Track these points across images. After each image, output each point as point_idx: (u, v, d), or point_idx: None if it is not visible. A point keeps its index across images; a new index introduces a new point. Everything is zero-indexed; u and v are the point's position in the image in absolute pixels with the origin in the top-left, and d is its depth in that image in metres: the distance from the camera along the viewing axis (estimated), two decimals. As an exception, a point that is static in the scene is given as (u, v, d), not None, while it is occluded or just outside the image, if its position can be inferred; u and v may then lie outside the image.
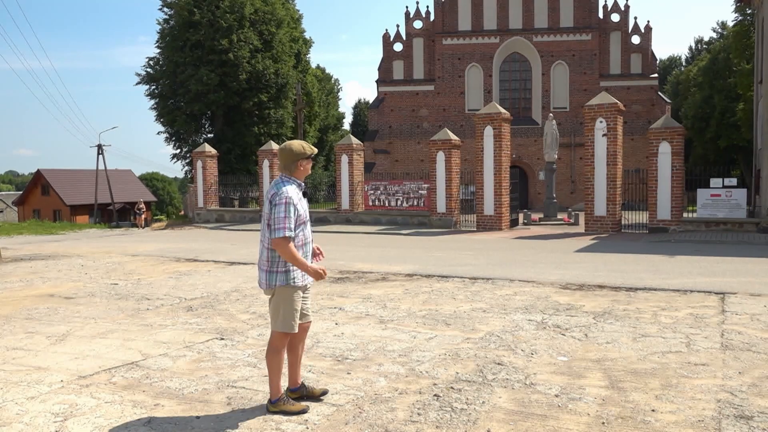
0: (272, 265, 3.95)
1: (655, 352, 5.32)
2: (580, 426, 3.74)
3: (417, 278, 9.68)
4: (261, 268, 4.04)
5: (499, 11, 35.88)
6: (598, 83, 34.61)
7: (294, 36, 37.43)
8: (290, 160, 3.98)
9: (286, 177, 4.01)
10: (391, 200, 21.76)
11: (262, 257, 4.03)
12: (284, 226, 3.81)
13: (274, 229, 3.83)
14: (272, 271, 3.95)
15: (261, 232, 4.07)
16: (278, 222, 3.81)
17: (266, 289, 4.01)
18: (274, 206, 3.85)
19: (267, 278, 3.97)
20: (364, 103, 67.51)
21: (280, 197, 3.85)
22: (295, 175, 4.01)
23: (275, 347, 4.02)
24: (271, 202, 3.88)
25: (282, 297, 3.95)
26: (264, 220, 4.00)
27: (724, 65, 37.91)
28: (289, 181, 3.98)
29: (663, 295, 7.92)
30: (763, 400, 4.12)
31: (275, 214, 3.83)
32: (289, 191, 3.89)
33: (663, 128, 17.17)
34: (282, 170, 4.04)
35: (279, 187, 3.92)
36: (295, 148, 3.99)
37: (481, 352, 5.39)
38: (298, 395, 4.17)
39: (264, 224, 4.00)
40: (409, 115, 37.18)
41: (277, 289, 3.95)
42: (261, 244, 4.06)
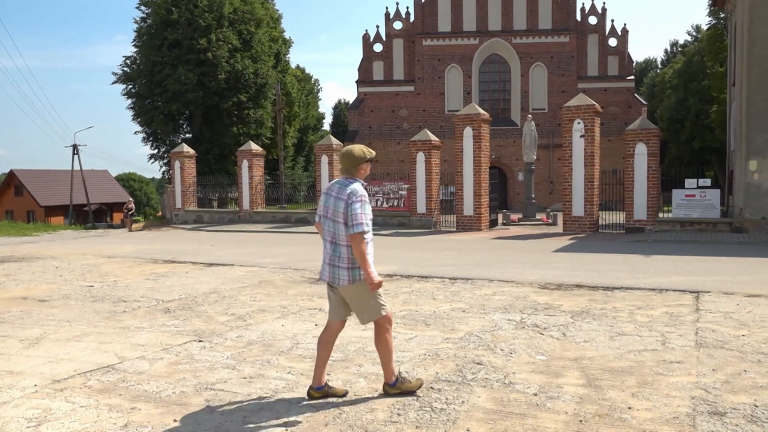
0: (353, 261, 4.10)
1: (631, 350, 5.39)
2: (558, 424, 3.77)
3: (397, 279, 9.68)
4: (339, 266, 4.13)
5: (478, 13, 36.09)
6: (575, 85, 34.99)
7: (273, 36, 37.27)
8: (352, 164, 4.19)
9: (351, 178, 4.20)
10: (371, 201, 21.71)
11: (339, 255, 4.13)
12: (362, 222, 4.02)
13: (351, 224, 4.02)
14: (355, 267, 4.10)
15: (327, 232, 4.21)
16: (356, 218, 4.02)
17: (347, 285, 4.12)
18: (350, 204, 4.04)
19: (350, 275, 4.11)
20: (344, 103, 67.45)
21: (356, 196, 4.07)
22: (358, 176, 4.23)
23: (383, 333, 4.21)
24: (347, 201, 4.06)
25: (365, 288, 4.10)
26: (329, 218, 4.17)
27: (698, 68, 38.60)
28: (355, 181, 4.19)
29: (639, 294, 8.03)
30: (736, 396, 4.20)
31: (352, 211, 4.03)
32: (361, 190, 4.13)
33: (639, 130, 17.43)
34: (344, 173, 4.23)
35: (350, 186, 4.12)
36: (356, 152, 4.20)
37: (460, 351, 5.41)
38: (322, 394, 4.25)
39: (332, 222, 4.15)
40: (389, 116, 37.22)
41: (360, 282, 4.10)
42: (330, 243, 4.20)
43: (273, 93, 34.28)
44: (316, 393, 4.25)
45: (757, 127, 16.29)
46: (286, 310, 7.34)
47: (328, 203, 4.19)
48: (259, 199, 24.38)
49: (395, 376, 4.25)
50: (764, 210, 16.23)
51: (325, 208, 4.23)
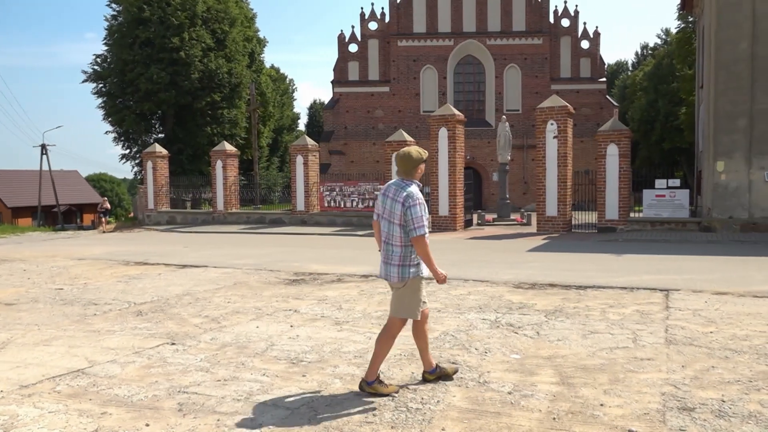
0: (405, 260, 4.28)
1: (603, 348, 5.47)
2: (531, 422, 3.81)
3: (373, 279, 9.68)
4: (391, 263, 4.32)
5: (453, 14, 36.28)
6: (549, 86, 35.39)
7: (248, 35, 36.95)
8: (411, 165, 4.34)
9: (407, 180, 4.35)
10: (346, 201, 21.73)
11: (392, 253, 4.31)
12: (423, 224, 4.20)
13: (413, 228, 4.18)
14: (405, 265, 4.28)
15: (384, 231, 4.37)
16: (417, 221, 4.18)
17: (398, 281, 4.30)
18: (410, 207, 4.19)
19: (400, 272, 4.28)
20: (319, 103, 67.18)
21: (414, 199, 4.21)
22: (414, 177, 4.37)
23: (393, 333, 4.39)
24: (403, 204, 4.21)
25: (412, 287, 4.31)
26: (385, 219, 4.34)
27: (667, 70, 39.33)
28: (412, 183, 4.33)
29: (611, 292, 8.15)
30: (704, 392, 4.29)
31: (412, 215, 4.18)
32: (418, 193, 4.28)
33: (611, 131, 17.71)
34: (402, 174, 4.38)
35: (407, 189, 4.27)
36: (414, 154, 4.35)
37: (436, 351, 5.42)
38: (437, 376, 4.51)
39: (388, 223, 4.32)
40: (364, 116, 37.20)
41: (410, 281, 4.29)
42: (384, 243, 4.37)
43: (247, 93, 34.00)
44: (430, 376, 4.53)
45: (723, 129, 16.68)
46: (261, 312, 7.29)
47: (385, 204, 4.36)
48: (234, 200, 24.16)
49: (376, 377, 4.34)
50: (731, 209, 16.62)
51: (382, 209, 4.39)
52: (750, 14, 16.28)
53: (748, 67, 16.34)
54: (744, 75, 16.37)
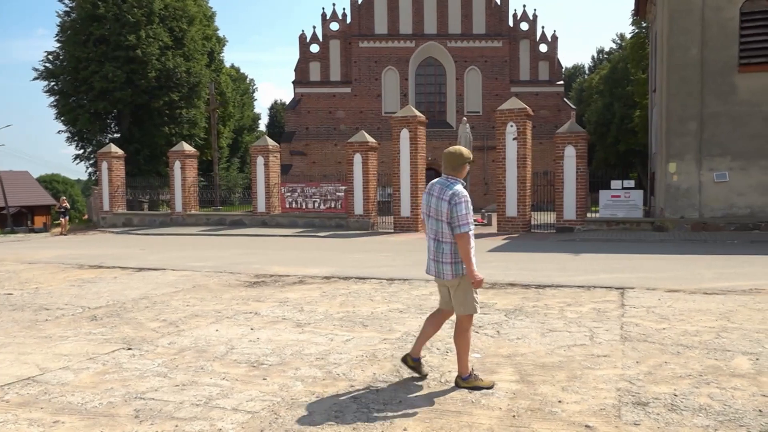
0: (456, 256, 4.35)
1: (561, 345, 5.57)
2: (492, 420, 3.85)
3: (334, 280, 9.65)
4: (442, 261, 4.39)
5: (414, 16, 36.50)
6: (508, 89, 35.94)
7: (207, 34, 36.41)
8: (459, 162, 4.42)
9: (452, 178, 4.42)
10: (308, 202, 21.60)
11: (442, 251, 4.39)
12: (467, 222, 4.27)
13: (457, 225, 4.25)
14: (458, 262, 4.35)
15: (431, 230, 4.47)
16: (461, 219, 4.25)
17: (452, 278, 4.37)
18: (455, 205, 4.25)
19: (453, 269, 4.35)
20: (280, 104, 66.64)
21: (460, 197, 4.27)
22: (460, 175, 4.44)
23: (465, 328, 4.46)
24: (450, 201, 4.27)
25: (468, 283, 4.36)
26: (432, 217, 4.42)
27: (622, 74, 40.42)
28: (457, 182, 4.40)
29: (569, 291, 8.32)
30: (657, 386, 4.42)
31: (457, 212, 4.25)
32: (464, 191, 4.34)
33: (568, 133, 18.08)
34: (449, 171, 4.43)
35: (452, 187, 4.33)
36: (464, 153, 4.44)
37: (398, 352, 5.44)
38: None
39: (435, 221, 4.40)
40: (326, 117, 37.07)
41: (463, 277, 4.35)
42: (433, 241, 4.46)
43: (206, 92, 33.46)
44: (411, 362, 4.62)
45: (675, 132, 17.22)
46: (221, 315, 7.17)
47: (430, 203, 4.44)
48: (193, 201, 23.74)
49: (471, 373, 4.47)
50: (682, 210, 17.17)
51: (427, 207, 4.47)
52: (699, 21, 16.86)
53: (698, 72, 16.91)
54: (694, 80, 16.93)
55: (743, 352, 5.26)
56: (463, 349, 4.47)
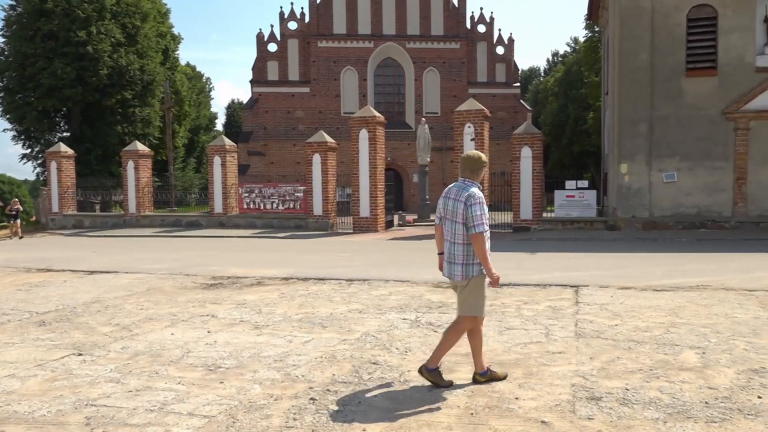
0: (468, 258, 4.43)
1: (518, 343, 5.67)
2: (451, 418, 3.88)
3: (293, 281, 9.57)
4: (455, 262, 4.47)
5: (372, 17, 36.51)
6: (466, 90, 36.29)
7: (161, 31, 35.59)
8: (477, 166, 4.55)
9: (469, 181, 4.54)
10: (266, 203, 21.37)
11: (455, 252, 4.46)
12: (482, 222, 4.36)
13: (472, 225, 4.34)
14: (468, 263, 4.43)
15: (447, 232, 4.54)
16: (476, 219, 4.34)
17: (461, 280, 4.45)
18: (470, 206, 4.35)
19: (464, 270, 4.43)
20: (237, 103, 65.68)
21: (475, 198, 4.38)
22: (476, 179, 4.56)
23: (461, 329, 4.55)
24: (465, 203, 4.37)
25: (477, 285, 4.46)
26: (448, 219, 4.50)
27: (576, 77, 41.33)
28: (473, 184, 4.51)
29: (525, 289, 8.46)
30: (610, 381, 4.54)
31: (472, 213, 4.34)
32: (479, 193, 4.44)
33: (524, 134, 18.41)
34: (467, 174, 4.56)
35: (469, 189, 4.44)
36: (483, 157, 4.60)
37: (357, 352, 5.43)
38: (487, 379, 4.56)
39: (451, 223, 4.48)
40: (284, 117, 36.73)
41: (473, 279, 4.43)
42: (448, 242, 4.52)
43: (161, 91, 32.71)
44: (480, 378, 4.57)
45: (627, 133, 17.73)
46: (176, 318, 7.03)
47: (447, 205, 4.53)
48: (147, 202, 23.17)
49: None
50: (634, 209, 17.70)
51: (444, 210, 4.57)
52: (649, 26, 17.40)
53: (647, 76, 17.44)
54: (644, 83, 17.47)
55: (691, 346, 5.45)
56: (448, 346, 4.58)
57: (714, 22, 17.19)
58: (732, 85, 17.05)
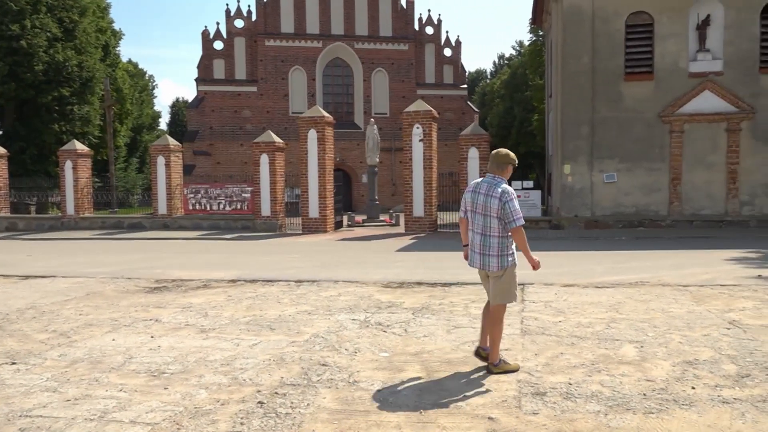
0: (502, 250, 4.71)
1: (466, 341, 5.74)
2: (400, 417, 3.90)
3: (241, 284, 9.42)
4: (489, 254, 4.72)
5: (321, 16, 36.35)
6: (415, 91, 36.60)
7: (101, 26, 34.44)
8: (505, 163, 4.77)
9: (498, 177, 4.76)
10: (213, 204, 20.95)
11: (490, 245, 4.71)
12: (520, 216, 4.63)
13: (512, 219, 4.60)
14: (503, 254, 4.71)
15: (477, 225, 4.77)
16: (515, 213, 4.60)
17: (498, 270, 4.71)
18: (507, 202, 4.60)
19: (499, 262, 4.70)
20: (182, 102, 64.21)
21: (510, 194, 4.63)
22: (505, 175, 4.78)
23: (500, 318, 4.80)
24: (500, 199, 4.61)
25: (511, 274, 4.76)
26: (479, 213, 4.73)
27: (522, 80, 42.31)
28: (503, 180, 4.75)
29: (473, 288, 8.59)
30: (554, 377, 4.65)
31: (510, 208, 4.60)
32: (511, 188, 4.69)
33: (472, 135, 18.70)
34: (495, 171, 4.77)
35: (500, 185, 4.69)
36: (511, 155, 4.82)
37: (306, 354, 5.39)
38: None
39: (483, 217, 4.71)
40: (231, 116, 36.11)
41: (508, 269, 4.72)
42: (480, 236, 4.75)
43: (101, 88, 31.63)
44: (483, 353, 4.86)
45: (569, 135, 18.26)
46: (118, 323, 6.80)
47: (477, 200, 4.75)
48: (86, 204, 22.34)
49: (500, 359, 4.79)
50: (577, 209, 18.24)
51: (473, 204, 4.78)
52: (590, 31, 17.98)
53: (589, 80, 18.02)
54: (586, 86, 18.04)
55: (630, 340, 5.66)
56: (497, 338, 4.80)
57: (651, 28, 17.92)
58: (667, 90, 17.81)
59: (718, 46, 17.61)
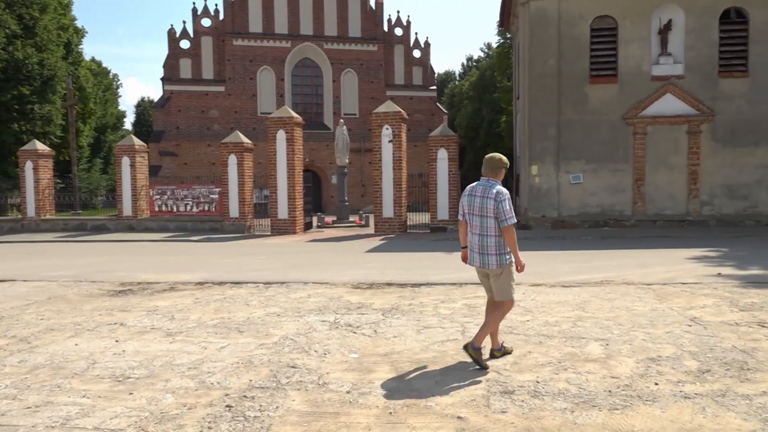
0: (500, 248, 4.94)
1: (435, 341, 5.77)
2: (369, 418, 3.90)
3: (208, 286, 9.29)
4: (488, 253, 4.95)
5: (290, 16, 36.12)
6: (384, 92, 36.65)
7: (63, 23, 33.59)
8: (499, 167, 5.02)
9: (493, 180, 5.00)
10: (179, 205, 20.63)
11: (488, 244, 4.94)
12: (512, 216, 4.86)
13: (504, 219, 4.84)
14: (502, 253, 4.95)
15: (475, 226, 5.00)
16: (507, 213, 4.84)
17: (497, 268, 4.95)
18: (501, 202, 4.84)
19: (498, 260, 4.94)
20: (148, 101, 63.06)
21: (504, 195, 4.88)
22: (498, 177, 5.01)
23: (504, 312, 5.11)
24: (495, 199, 4.85)
25: (509, 272, 5.01)
26: (476, 215, 4.96)
27: (490, 81, 42.76)
28: (497, 183, 4.99)
29: (443, 288, 8.64)
30: (522, 375, 4.71)
31: (503, 208, 4.84)
32: (505, 190, 4.94)
33: (441, 136, 18.81)
34: (489, 174, 5.02)
35: (495, 187, 4.93)
36: (503, 158, 5.06)
37: (275, 357, 5.34)
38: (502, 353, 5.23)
39: (480, 218, 4.94)
40: (198, 116, 35.61)
41: (506, 267, 4.96)
42: (479, 236, 4.97)
43: (63, 87, 30.85)
44: (497, 353, 5.17)
45: (537, 136, 18.52)
46: (81, 328, 6.64)
47: (474, 203, 4.99)
48: (48, 205, 21.78)
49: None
50: (544, 209, 18.50)
51: (470, 207, 5.02)
52: (556, 34, 18.26)
53: (555, 82, 18.31)
54: (552, 88, 18.32)
55: (595, 338, 5.76)
56: (495, 328, 5.13)
57: (615, 32, 18.29)
58: (631, 92, 18.20)
59: (680, 50, 18.08)
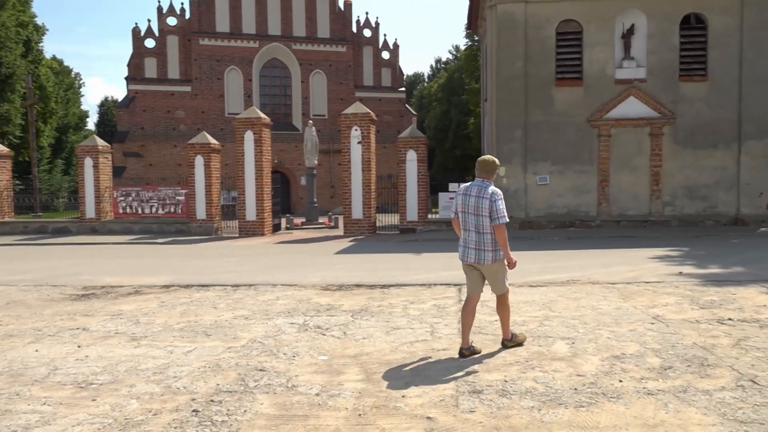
0: (495, 245, 5.19)
1: (405, 342, 5.78)
2: (338, 420, 3.88)
3: (175, 289, 9.14)
4: (485, 249, 5.20)
5: (257, 16, 35.81)
6: (353, 93, 36.60)
7: (22, 20, 32.70)
8: (491, 168, 5.30)
9: (487, 181, 5.27)
10: (144, 207, 20.25)
11: (483, 241, 5.19)
12: (505, 215, 5.14)
13: (497, 217, 5.10)
14: (497, 249, 5.20)
15: (470, 224, 5.24)
16: (500, 212, 5.12)
17: (492, 263, 5.20)
18: (495, 201, 5.11)
19: (494, 255, 5.20)
20: (111, 101, 61.80)
21: (498, 194, 5.16)
22: (491, 178, 5.29)
23: (507, 304, 5.43)
24: (490, 198, 5.11)
25: (501, 266, 5.27)
26: (471, 213, 5.21)
27: (458, 84, 43.12)
28: (491, 183, 5.26)
29: (412, 289, 8.67)
30: (490, 374, 4.75)
31: (497, 206, 5.11)
32: (499, 190, 5.19)
33: (409, 138, 18.88)
34: (483, 175, 5.29)
35: (490, 187, 5.20)
36: (496, 161, 5.35)
37: (243, 360, 5.28)
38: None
39: (476, 216, 5.19)
40: (163, 117, 35.02)
41: (499, 262, 5.22)
42: (475, 233, 5.22)
43: (22, 86, 30.03)
44: (466, 352, 5.24)
45: (504, 138, 18.72)
46: (42, 333, 6.46)
47: (468, 202, 5.23)
48: (6, 208, 21.14)
49: (511, 335, 5.52)
50: (512, 210, 18.69)
51: (465, 206, 5.26)
52: (523, 37, 18.50)
53: (522, 84, 18.54)
54: (520, 91, 18.55)
55: (562, 337, 5.85)
56: (506, 319, 5.44)
57: (580, 36, 18.61)
58: (596, 95, 18.54)
59: (642, 54, 18.49)
